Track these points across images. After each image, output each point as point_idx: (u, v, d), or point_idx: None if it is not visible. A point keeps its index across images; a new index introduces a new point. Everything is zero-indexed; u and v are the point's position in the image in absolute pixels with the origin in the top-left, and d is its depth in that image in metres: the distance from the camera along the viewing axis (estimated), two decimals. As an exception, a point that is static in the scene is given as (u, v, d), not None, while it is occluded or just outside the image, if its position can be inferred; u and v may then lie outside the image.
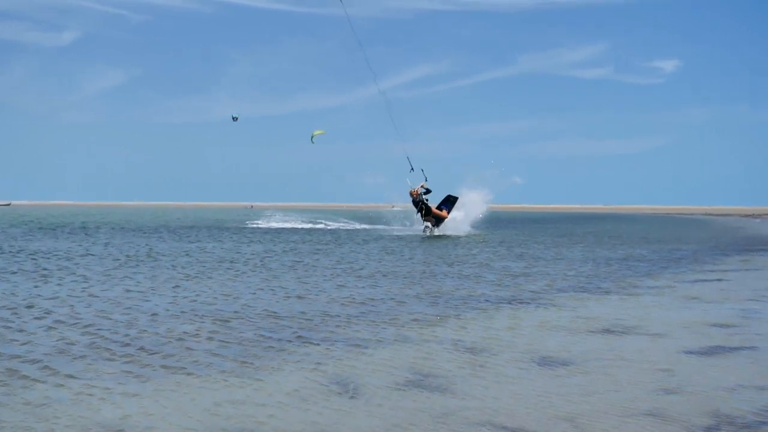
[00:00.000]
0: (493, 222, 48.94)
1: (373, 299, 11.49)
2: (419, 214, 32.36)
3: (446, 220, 32.85)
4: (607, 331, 9.13)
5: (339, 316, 9.81)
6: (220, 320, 9.39)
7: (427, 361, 7.32)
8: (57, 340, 8.02)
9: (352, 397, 6.07)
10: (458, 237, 29.91)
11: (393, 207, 40.55)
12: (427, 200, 32.18)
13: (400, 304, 11.00)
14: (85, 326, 8.87)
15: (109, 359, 7.21)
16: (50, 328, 8.73)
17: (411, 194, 32.31)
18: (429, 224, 32.58)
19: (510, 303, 11.37)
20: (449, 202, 33.07)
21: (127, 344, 7.88)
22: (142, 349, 7.66)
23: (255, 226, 42.63)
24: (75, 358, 7.21)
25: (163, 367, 6.94)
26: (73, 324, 8.99)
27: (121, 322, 9.20)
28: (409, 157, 32.61)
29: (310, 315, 9.89)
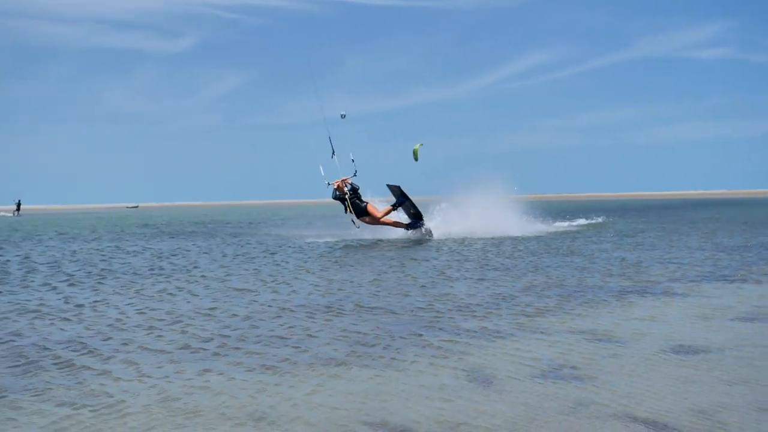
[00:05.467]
0: (607, 211, 47.46)
1: (489, 292, 11.46)
2: (346, 211, 25.01)
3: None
4: (744, 320, 8.70)
5: (456, 310, 9.84)
6: (337, 314, 9.63)
7: (554, 352, 7.24)
8: (179, 334, 8.49)
9: (484, 388, 6.09)
10: (559, 231, 29.08)
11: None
12: (357, 194, 24.90)
13: (516, 296, 10.91)
14: (209, 323, 9.34)
15: (230, 353, 7.57)
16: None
17: (336, 185, 24.90)
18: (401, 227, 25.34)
19: (635, 293, 11.03)
20: (402, 196, 25.19)
21: (250, 338, 8.23)
22: (267, 343, 7.98)
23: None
24: (211, 353, 7.61)
25: (289, 361, 7.19)
26: (195, 318, 9.50)
27: (235, 317, 9.62)
28: (331, 138, 25.61)
29: (425, 309, 9.97)
